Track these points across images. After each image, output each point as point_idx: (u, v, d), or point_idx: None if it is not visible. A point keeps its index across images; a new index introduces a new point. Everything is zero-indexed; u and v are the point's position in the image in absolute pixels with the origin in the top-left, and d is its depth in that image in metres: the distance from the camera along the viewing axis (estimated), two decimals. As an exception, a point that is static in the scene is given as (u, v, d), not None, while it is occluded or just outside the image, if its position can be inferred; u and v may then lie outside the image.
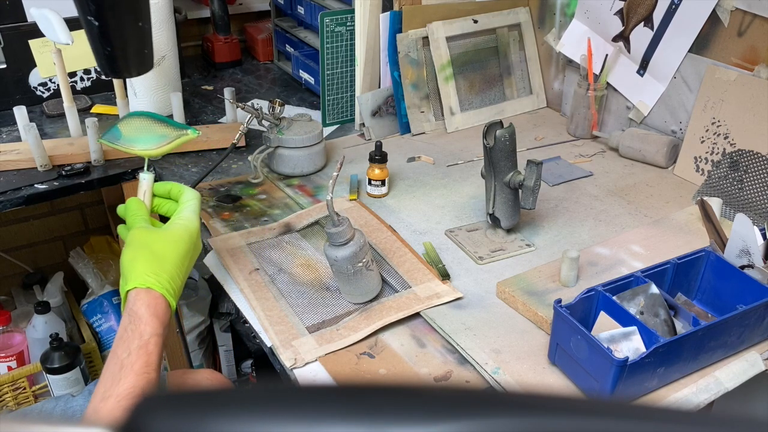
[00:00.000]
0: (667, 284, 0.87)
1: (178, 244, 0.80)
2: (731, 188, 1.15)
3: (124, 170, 1.27)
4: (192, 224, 0.83)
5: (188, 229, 0.82)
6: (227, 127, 1.41)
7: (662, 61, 1.28)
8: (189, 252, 0.81)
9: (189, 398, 0.27)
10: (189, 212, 0.84)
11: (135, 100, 1.48)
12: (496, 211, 1.03)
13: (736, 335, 0.80)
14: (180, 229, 0.82)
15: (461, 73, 1.46)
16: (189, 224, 0.83)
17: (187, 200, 0.85)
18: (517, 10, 1.51)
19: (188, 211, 0.84)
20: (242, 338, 1.85)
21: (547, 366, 0.82)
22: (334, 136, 1.44)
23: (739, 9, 1.13)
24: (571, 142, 1.41)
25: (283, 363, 0.83)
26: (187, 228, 0.82)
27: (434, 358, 0.84)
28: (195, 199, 0.86)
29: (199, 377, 1.09)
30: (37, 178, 1.22)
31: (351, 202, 1.17)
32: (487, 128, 0.97)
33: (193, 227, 0.83)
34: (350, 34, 1.40)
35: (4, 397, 1.60)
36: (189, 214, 0.84)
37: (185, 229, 0.82)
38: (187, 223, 0.83)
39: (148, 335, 0.72)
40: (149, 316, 0.73)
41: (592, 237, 1.08)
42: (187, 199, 0.86)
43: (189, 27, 1.87)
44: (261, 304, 0.92)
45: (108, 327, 1.83)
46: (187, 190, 0.87)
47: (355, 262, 0.88)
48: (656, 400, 0.77)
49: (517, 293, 0.91)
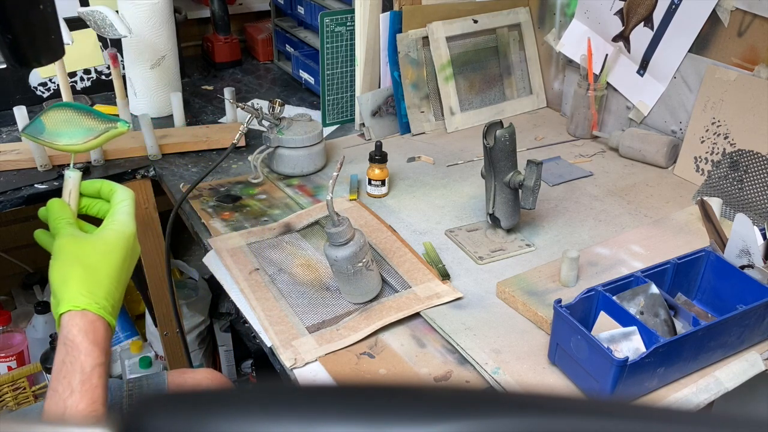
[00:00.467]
0: (667, 284, 0.87)
1: (113, 254, 0.72)
2: (731, 188, 1.15)
3: (124, 170, 1.27)
4: (127, 228, 0.75)
5: (123, 234, 0.74)
6: (227, 127, 1.41)
7: (662, 61, 1.28)
8: (126, 261, 0.73)
9: (189, 398, 0.27)
10: (122, 215, 0.76)
11: (135, 100, 1.48)
12: (496, 211, 1.03)
13: (736, 335, 0.80)
14: (114, 236, 0.73)
15: (461, 73, 1.46)
16: (123, 228, 0.74)
17: (119, 200, 0.77)
18: (517, 10, 1.51)
19: (122, 213, 0.76)
20: (242, 338, 1.85)
21: (547, 366, 0.82)
22: (334, 136, 1.44)
23: (739, 9, 1.13)
24: (571, 142, 1.41)
25: (283, 363, 0.83)
26: (122, 233, 0.74)
27: (434, 358, 0.84)
28: (128, 199, 0.77)
29: (199, 376, 1.09)
30: (37, 178, 1.22)
31: (351, 202, 1.17)
32: (487, 128, 0.97)
33: (129, 231, 0.75)
34: (350, 34, 1.40)
35: (4, 397, 1.60)
36: (123, 217, 0.75)
37: (120, 235, 0.73)
38: (122, 227, 0.74)
39: (90, 367, 0.64)
40: (88, 344, 0.65)
41: (592, 237, 1.08)
42: (120, 199, 0.77)
43: (189, 27, 1.87)
44: (261, 304, 0.92)
45: (108, 327, 1.83)
46: (119, 189, 0.78)
47: (355, 262, 0.88)
48: (656, 400, 0.77)
49: (517, 293, 0.91)
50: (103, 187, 0.79)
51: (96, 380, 0.64)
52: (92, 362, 0.65)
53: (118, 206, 0.76)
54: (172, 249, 1.88)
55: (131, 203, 0.77)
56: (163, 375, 1.07)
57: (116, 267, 0.72)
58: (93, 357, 0.65)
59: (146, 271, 1.44)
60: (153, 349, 1.82)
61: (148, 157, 1.30)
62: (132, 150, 1.30)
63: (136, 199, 0.80)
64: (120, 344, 1.84)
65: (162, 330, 1.58)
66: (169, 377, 1.07)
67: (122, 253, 0.73)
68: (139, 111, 1.43)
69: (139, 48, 1.42)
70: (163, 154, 1.32)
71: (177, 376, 1.08)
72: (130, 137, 1.33)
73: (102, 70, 1.58)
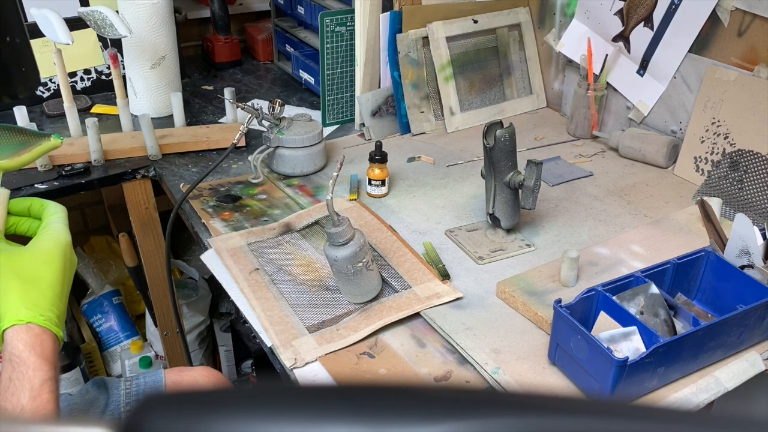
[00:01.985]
0: (667, 284, 0.87)
1: (53, 263, 0.69)
2: (731, 188, 1.15)
3: (124, 170, 1.27)
4: (62, 236, 0.72)
5: (59, 242, 0.71)
6: (227, 127, 1.41)
7: (662, 61, 1.28)
8: (65, 269, 0.70)
9: (189, 398, 0.27)
10: (57, 224, 0.73)
11: (135, 100, 1.48)
12: (496, 211, 1.03)
13: (736, 335, 0.80)
14: (51, 244, 0.70)
15: (461, 73, 1.46)
16: (59, 236, 0.71)
17: (52, 213, 0.74)
18: (517, 10, 1.51)
19: (56, 222, 0.73)
20: (242, 338, 1.85)
21: (547, 366, 0.82)
22: (334, 136, 1.44)
23: (739, 9, 1.13)
24: (571, 142, 1.41)
25: (283, 363, 0.83)
26: (57, 241, 0.71)
27: (434, 358, 0.84)
28: (61, 212, 0.75)
29: (196, 374, 1.09)
30: (37, 178, 1.22)
31: (351, 202, 1.17)
32: (487, 128, 0.97)
33: (64, 239, 0.72)
34: (350, 34, 1.40)
35: None
36: (57, 226, 0.73)
37: (56, 243, 0.70)
38: (57, 235, 0.71)
39: (39, 382, 0.61)
40: (35, 358, 0.62)
41: (592, 237, 1.08)
42: (52, 212, 0.74)
43: (189, 27, 1.87)
44: (261, 304, 0.92)
45: (108, 327, 1.83)
46: (50, 204, 0.76)
47: (355, 262, 0.88)
48: (656, 400, 0.77)
49: (517, 293, 0.91)
50: (33, 204, 0.77)
51: (47, 395, 0.62)
52: (41, 377, 0.62)
53: (51, 217, 0.74)
54: (172, 249, 1.89)
55: (64, 216, 0.75)
56: (161, 373, 1.07)
57: (57, 276, 0.69)
58: (42, 372, 0.62)
59: (146, 271, 1.44)
60: (153, 349, 1.82)
61: (148, 157, 1.30)
62: (132, 150, 1.30)
63: (136, 198, 0.79)
64: (120, 344, 1.84)
65: (162, 330, 1.58)
66: (166, 375, 1.07)
67: (60, 262, 0.70)
68: (139, 111, 1.43)
69: (139, 48, 1.42)
70: (163, 154, 1.32)
71: (174, 374, 1.08)
72: (131, 137, 1.33)
73: (102, 70, 1.58)
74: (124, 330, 1.84)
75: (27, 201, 0.77)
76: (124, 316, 1.86)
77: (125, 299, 1.90)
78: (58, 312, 0.67)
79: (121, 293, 1.88)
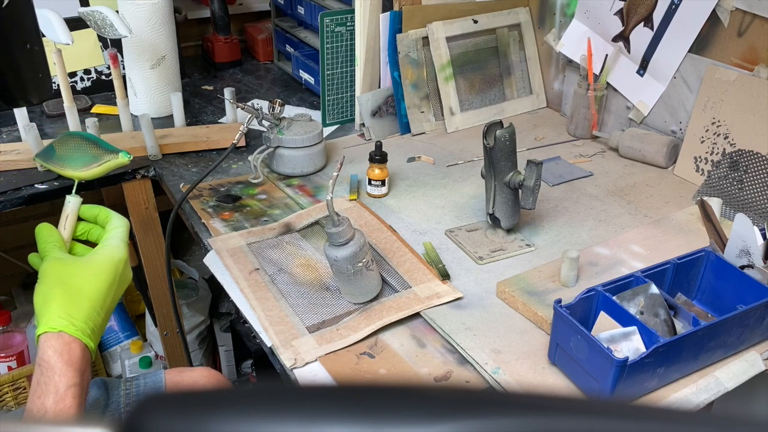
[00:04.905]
0: (667, 284, 0.87)
1: (100, 277, 0.72)
2: (731, 188, 1.15)
3: (124, 170, 1.27)
4: (117, 253, 0.75)
5: (112, 258, 0.74)
6: (227, 127, 1.41)
7: (662, 61, 1.28)
8: (113, 285, 0.74)
9: (189, 398, 0.27)
10: (114, 240, 0.77)
11: (135, 100, 1.48)
12: (496, 211, 1.03)
13: (736, 335, 0.80)
14: (102, 260, 0.74)
15: (461, 73, 1.46)
16: (114, 252, 0.75)
17: (113, 227, 0.78)
18: (517, 10, 1.51)
19: (114, 238, 0.77)
20: (242, 338, 1.85)
21: (547, 366, 0.82)
22: (334, 136, 1.44)
23: (739, 9, 1.13)
24: (571, 142, 1.41)
25: (283, 363, 0.83)
26: (111, 258, 0.74)
27: (434, 358, 0.84)
28: (122, 227, 0.79)
29: (196, 375, 1.09)
30: (37, 178, 1.22)
31: (351, 202, 1.17)
32: (487, 128, 0.97)
33: (119, 256, 0.75)
34: (350, 34, 1.40)
35: (4, 397, 1.60)
36: (114, 242, 0.76)
37: (109, 259, 0.74)
38: (112, 251, 0.75)
39: (64, 387, 0.64)
40: (62, 365, 0.65)
41: (592, 237, 1.08)
42: (114, 226, 0.79)
43: (189, 27, 1.87)
44: (261, 304, 0.92)
45: (108, 327, 1.83)
46: (114, 217, 0.80)
47: (355, 262, 0.88)
48: (656, 400, 0.77)
49: (517, 293, 0.91)
50: (101, 213, 0.81)
51: (70, 401, 0.64)
52: (66, 383, 0.65)
53: (112, 232, 0.78)
54: (172, 249, 1.89)
55: (125, 231, 0.79)
56: (161, 374, 1.07)
57: (101, 291, 0.71)
58: (67, 377, 0.65)
59: (146, 271, 1.44)
60: (153, 349, 1.82)
61: (148, 157, 1.30)
62: (132, 150, 1.29)
63: (136, 198, 0.81)
64: (120, 344, 1.84)
65: (162, 330, 1.58)
66: (166, 376, 1.07)
67: (109, 277, 0.73)
68: (139, 111, 1.43)
69: (139, 48, 1.42)
70: (163, 154, 1.32)
71: (174, 374, 1.08)
72: (131, 137, 1.33)
73: (102, 70, 1.58)
74: (124, 330, 1.84)
75: (96, 209, 0.81)
76: (124, 316, 1.86)
77: (125, 299, 1.90)
78: (93, 325, 0.70)
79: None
